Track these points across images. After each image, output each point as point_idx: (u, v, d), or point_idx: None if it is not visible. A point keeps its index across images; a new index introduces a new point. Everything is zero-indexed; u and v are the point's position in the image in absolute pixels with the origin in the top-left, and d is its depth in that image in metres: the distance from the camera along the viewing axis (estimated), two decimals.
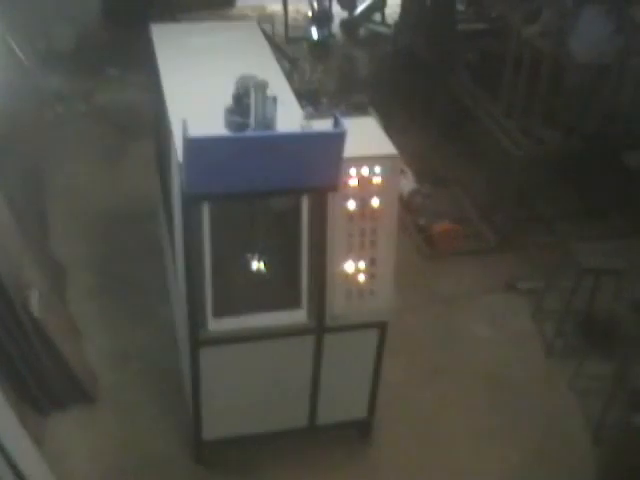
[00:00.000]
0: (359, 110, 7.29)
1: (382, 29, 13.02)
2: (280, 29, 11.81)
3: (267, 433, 5.93)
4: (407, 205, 8.43)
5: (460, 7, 10.89)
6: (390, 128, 5.39)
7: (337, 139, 4.71)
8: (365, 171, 5.02)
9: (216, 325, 5.24)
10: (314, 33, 11.67)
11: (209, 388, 5.51)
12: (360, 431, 6.16)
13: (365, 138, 5.15)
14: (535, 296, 7.62)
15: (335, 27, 12.40)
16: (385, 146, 5.18)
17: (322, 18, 11.71)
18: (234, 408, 5.70)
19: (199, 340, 5.27)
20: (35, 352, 6.13)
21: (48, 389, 6.27)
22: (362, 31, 12.91)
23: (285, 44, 11.02)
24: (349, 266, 5.26)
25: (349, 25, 12.74)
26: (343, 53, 11.40)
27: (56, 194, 8.66)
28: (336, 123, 4.79)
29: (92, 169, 9.26)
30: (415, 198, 8.47)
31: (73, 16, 11.85)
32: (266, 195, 5.11)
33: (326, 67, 10.48)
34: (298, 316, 5.38)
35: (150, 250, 7.89)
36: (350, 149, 4.80)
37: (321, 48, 11.47)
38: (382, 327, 5.59)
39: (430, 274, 8.00)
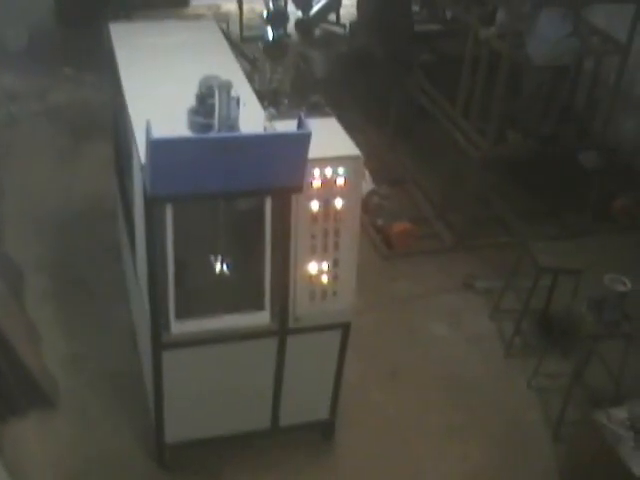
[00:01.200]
0: (315, 110, 7.26)
1: (337, 29, 13.05)
2: (235, 28, 11.75)
3: (230, 435, 5.90)
4: (365, 206, 8.40)
5: (414, 8, 10.94)
6: (346, 128, 5.39)
7: (302, 140, 4.70)
8: (328, 172, 5.01)
9: (179, 328, 5.19)
10: (269, 33, 11.64)
11: (172, 391, 5.46)
12: (323, 432, 6.16)
13: (328, 139, 5.12)
14: (493, 295, 7.69)
15: (290, 27, 12.38)
16: (348, 147, 5.18)
17: (277, 18, 11.66)
18: (197, 411, 5.66)
19: (162, 343, 5.22)
20: None
21: (7, 395, 6.19)
22: (317, 31, 12.92)
23: (240, 43, 10.97)
24: (312, 267, 5.25)
25: (304, 25, 12.73)
26: (298, 53, 11.40)
27: (9, 195, 8.52)
28: (300, 124, 4.78)
29: (46, 169, 9.13)
30: (372, 199, 8.48)
31: (25, 14, 11.69)
32: (230, 196, 5.07)
33: (282, 67, 10.46)
34: (261, 318, 5.36)
35: (106, 251, 7.81)
36: (313, 150, 4.78)
37: (276, 48, 11.44)
38: (345, 328, 5.59)
39: (388, 274, 8.01)
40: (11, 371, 6.17)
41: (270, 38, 11.68)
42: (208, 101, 4.87)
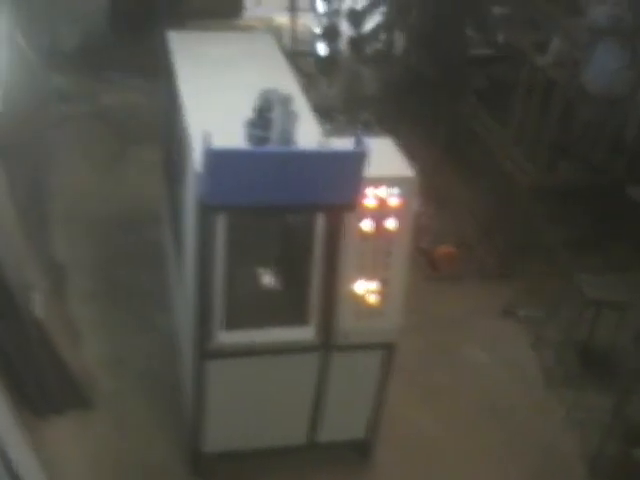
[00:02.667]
0: (366, 128, 7.29)
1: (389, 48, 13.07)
2: (286, 43, 11.81)
3: (266, 448, 5.90)
4: None
5: (468, 32, 10.95)
6: None
7: (358, 159, 4.72)
8: (383, 192, 5.02)
9: (224, 338, 5.21)
10: (321, 48, 11.69)
11: (212, 401, 5.47)
12: (360, 451, 6.13)
13: (383, 158, 5.11)
14: (533, 324, 7.65)
15: (342, 43, 12.43)
16: (403, 167, 5.18)
17: (330, 34, 11.73)
18: (235, 422, 5.67)
19: (206, 352, 5.25)
20: (36, 355, 6.09)
21: (47, 392, 6.23)
22: (369, 49, 12.95)
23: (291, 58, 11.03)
24: (360, 286, 5.25)
25: (357, 42, 12.77)
26: (350, 70, 11.43)
27: (57, 195, 8.62)
28: (357, 142, 4.80)
29: (94, 171, 9.22)
30: (420, 220, 8.48)
31: (80, 16, 11.85)
32: (283, 210, 5.11)
33: (332, 83, 10.50)
34: (306, 333, 5.36)
35: (151, 256, 7.86)
36: (368, 169, 4.81)
37: (328, 64, 11.49)
38: (389, 348, 5.59)
39: (430, 296, 7.97)
40: (52, 369, 6.22)
41: (322, 54, 11.74)
42: (266, 114, 4.90)
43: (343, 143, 4.97)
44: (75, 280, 7.60)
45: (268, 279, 5.48)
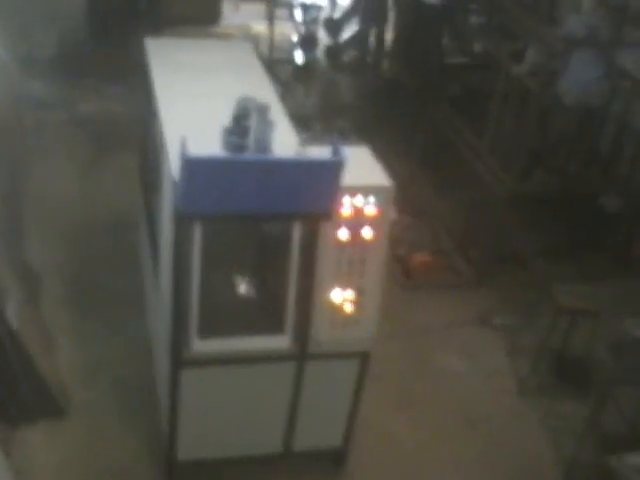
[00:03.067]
0: (342, 136, 7.29)
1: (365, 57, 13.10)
2: (264, 50, 11.81)
3: (241, 457, 5.87)
4: None
5: (445, 40, 10.98)
6: None
7: (335, 168, 4.72)
8: (359, 201, 5.02)
9: (200, 346, 5.19)
10: (298, 56, 11.70)
11: (187, 408, 5.44)
12: (335, 459, 6.12)
13: (360, 167, 5.11)
14: (509, 332, 7.68)
15: (319, 52, 12.44)
16: (380, 177, 5.19)
17: (307, 42, 11.75)
18: (210, 430, 5.64)
19: (181, 360, 5.22)
20: (9, 363, 6.05)
21: (19, 401, 6.18)
22: (346, 57, 12.96)
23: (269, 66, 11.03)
24: (336, 294, 5.24)
25: (334, 51, 12.79)
26: (327, 78, 11.45)
27: (32, 201, 8.55)
28: (334, 151, 4.79)
29: (71, 177, 9.16)
30: (394, 229, 8.47)
31: (56, 22, 11.75)
32: (259, 219, 5.09)
33: (309, 91, 10.51)
34: (281, 341, 5.35)
35: (126, 262, 7.83)
36: (345, 178, 4.81)
37: (305, 72, 11.50)
38: (364, 357, 5.58)
39: (405, 305, 7.98)
40: (25, 377, 6.17)
41: (299, 62, 11.75)
42: (244, 122, 4.89)
43: (320, 152, 4.96)
44: (50, 286, 7.55)
45: (244, 287, 5.46)
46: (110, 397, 6.57)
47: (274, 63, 11.76)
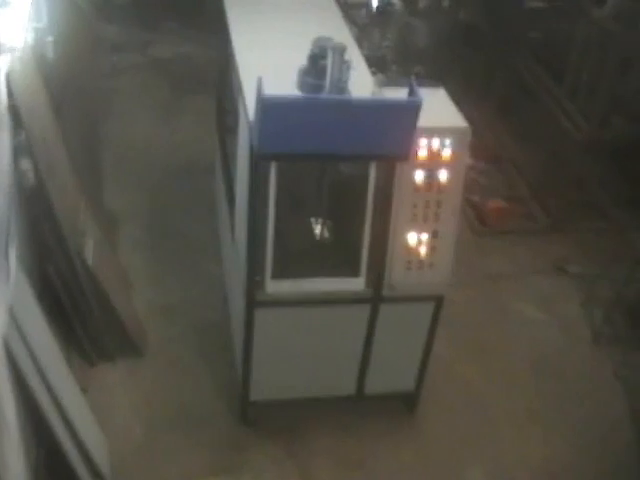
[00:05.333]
0: (418, 79, 7.17)
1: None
2: None
3: (314, 398, 5.93)
4: None
5: None
6: None
7: (412, 109, 4.65)
8: (435, 143, 4.96)
9: (274, 287, 5.22)
10: (374, 0, 11.53)
11: (261, 349, 5.50)
12: (406, 403, 6.14)
13: (436, 109, 5.03)
14: (584, 281, 7.56)
15: None
16: (456, 119, 5.11)
17: None
18: (284, 371, 5.70)
19: (256, 301, 5.26)
20: (87, 301, 6.16)
21: (97, 340, 6.31)
22: (421, 1, 12.75)
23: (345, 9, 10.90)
24: (411, 237, 5.21)
25: None
26: (403, 22, 11.27)
27: (110, 145, 8.65)
28: (411, 93, 4.73)
29: (148, 121, 9.25)
30: (469, 174, 8.38)
31: None
32: (335, 159, 5.08)
33: (385, 35, 10.35)
34: (356, 284, 5.34)
35: (203, 205, 7.89)
36: (421, 119, 4.72)
37: (380, 16, 11.33)
38: (438, 301, 5.56)
39: (480, 250, 7.93)
40: (102, 316, 6.29)
41: (375, 5, 11.57)
42: (320, 62, 4.84)
43: (396, 93, 4.91)
44: (127, 229, 7.65)
45: (319, 230, 5.46)
46: (186, 338, 6.67)
47: (350, 7, 11.63)
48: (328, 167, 5.24)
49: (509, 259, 7.87)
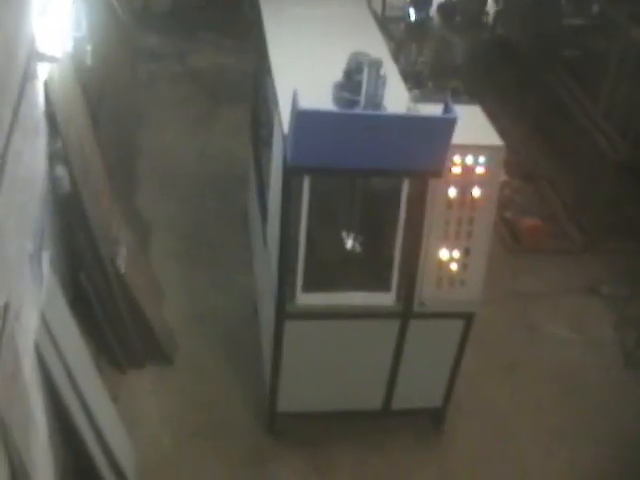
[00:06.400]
0: (454, 96, 7.20)
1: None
2: (377, 7, 11.72)
3: (340, 411, 5.96)
4: None
5: (563, 1, 10.71)
6: None
7: (448, 125, 4.67)
8: (469, 160, 4.98)
9: (305, 299, 5.26)
10: (412, 14, 11.56)
11: (290, 361, 5.54)
12: (433, 419, 6.15)
13: (471, 126, 5.05)
14: (616, 302, 7.51)
15: (433, 10, 12.26)
16: (491, 136, 5.12)
17: (421, 0, 11.59)
18: (312, 383, 5.73)
19: (286, 313, 5.30)
20: (118, 308, 6.22)
21: (127, 346, 6.36)
22: (459, 17, 12.76)
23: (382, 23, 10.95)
24: (443, 254, 5.23)
25: (447, 9, 12.60)
26: (440, 37, 11.30)
27: (145, 153, 8.74)
28: (447, 109, 4.75)
29: (183, 130, 9.33)
30: (504, 191, 8.38)
31: None
32: (368, 174, 5.11)
33: (422, 50, 10.40)
34: (386, 299, 5.37)
35: (235, 216, 7.96)
36: (456, 136, 4.76)
37: (418, 30, 11.36)
38: (468, 318, 5.56)
39: (512, 268, 7.91)
40: (133, 322, 6.35)
41: (412, 19, 11.60)
42: (356, 77, 4.88)
43: (432, 109, 4.93)
44: (159, 237, 7.72)
45: (350, 243, 5.49)
46: (216, 348, 6.72)
47: (387, 20, 11.67)
48: (361, 181, 5.26)
49: (541, 278, 7.84)
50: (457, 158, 4.96)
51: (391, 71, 5.54)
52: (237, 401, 6.28)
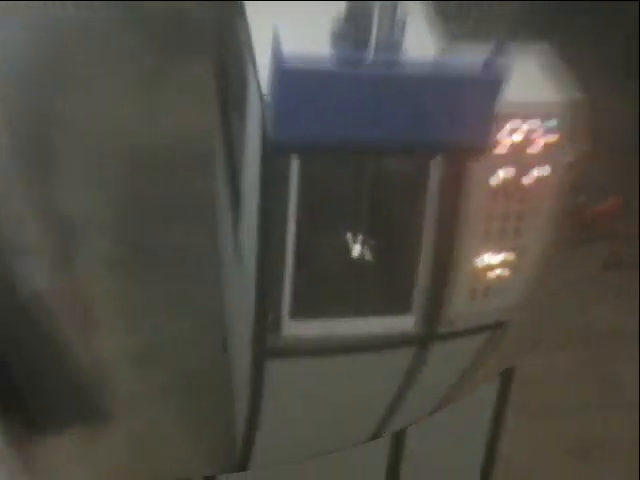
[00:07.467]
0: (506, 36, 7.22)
1: None
2: None
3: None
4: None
5: None
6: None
7: (491, 85, 4.62)
8: (523, 131, 4.97)
9: (293, 329, 5.20)
10: None
11: (273, 410, 5.50)
12: None
13: (527, 83, 4.86)
14: None
15: None
16: (554, 96, 5.03)
17: None
18: (297, 434, 5.70)
19: (267, 348, 5.29)
20: (31, 346, 6.22)
21: (44, 398, 6.37)
22: None
23: None
24: (484, 259, 5.25)
25: None
26: None
27: (71, 128, 8.71)
28: (490, 61, 4.74)
29: (122, 95, 9.29)
30: (575, 170, 8.39)
31: None
32: (379, 154, 5.12)
33: None
34: (405, 323, 5.36)
35: (195, 211, 7.93)
36: (511, 92, 4.60)
37: None
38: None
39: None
40: (51, 369, 6.35)
41: None
42: (361, 22, 4.88)
43: (470, 60, 4.93)
44: (93, 243, 7.71)
45: (357, 250, 5.51)
46: (165, 394, 6.70)
47: None
48: (370, 164, 5.29)
49: (629, 301, 7.78)
50: (508, 126, 4.96)
51: (414, 12, 5.55)
52: (198, 462, 6.28)
